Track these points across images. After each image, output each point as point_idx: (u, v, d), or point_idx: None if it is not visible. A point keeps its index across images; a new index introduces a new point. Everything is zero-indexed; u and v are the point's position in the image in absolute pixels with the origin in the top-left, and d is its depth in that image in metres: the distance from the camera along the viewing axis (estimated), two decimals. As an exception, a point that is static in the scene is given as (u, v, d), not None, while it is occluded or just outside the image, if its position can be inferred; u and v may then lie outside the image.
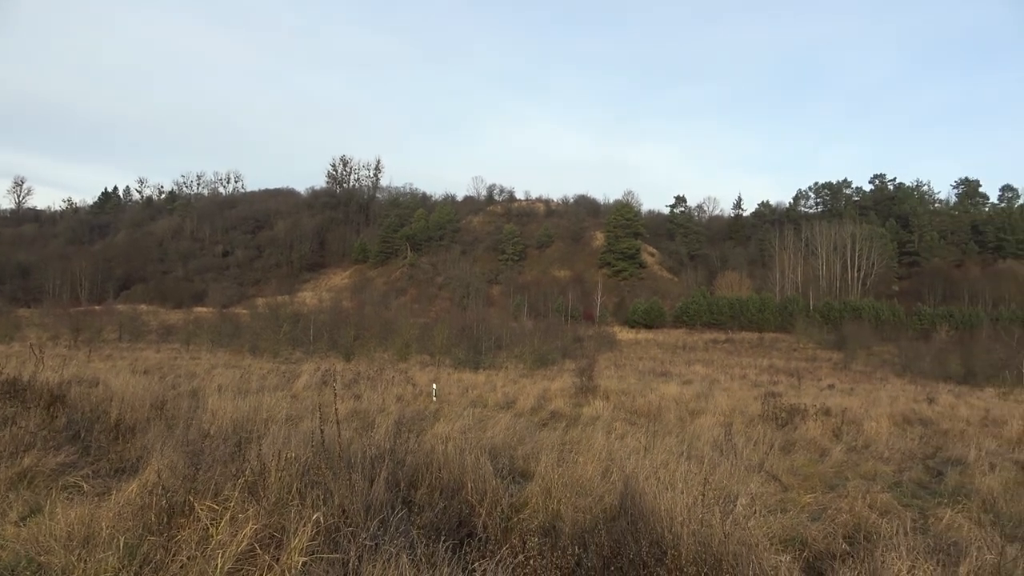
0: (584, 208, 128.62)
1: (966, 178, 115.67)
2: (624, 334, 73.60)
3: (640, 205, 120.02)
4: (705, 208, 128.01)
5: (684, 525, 5.24)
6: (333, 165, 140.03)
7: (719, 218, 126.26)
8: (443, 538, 4.71)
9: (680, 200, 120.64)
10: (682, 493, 5.97)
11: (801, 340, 66.91)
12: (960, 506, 7.80)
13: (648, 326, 79.34)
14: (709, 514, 5.48)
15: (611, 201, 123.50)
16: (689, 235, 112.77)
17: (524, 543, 4.47)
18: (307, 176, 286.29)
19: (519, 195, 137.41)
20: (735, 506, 6.20)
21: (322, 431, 5.85)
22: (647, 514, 5.62)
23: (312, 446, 5.99)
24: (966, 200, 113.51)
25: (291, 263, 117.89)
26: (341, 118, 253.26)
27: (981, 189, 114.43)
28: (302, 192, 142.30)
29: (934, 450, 12.75)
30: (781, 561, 5.05)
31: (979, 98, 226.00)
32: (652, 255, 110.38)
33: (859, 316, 70.13)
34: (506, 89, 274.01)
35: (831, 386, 32.25)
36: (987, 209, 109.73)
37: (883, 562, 4.86)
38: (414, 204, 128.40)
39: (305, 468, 5.56)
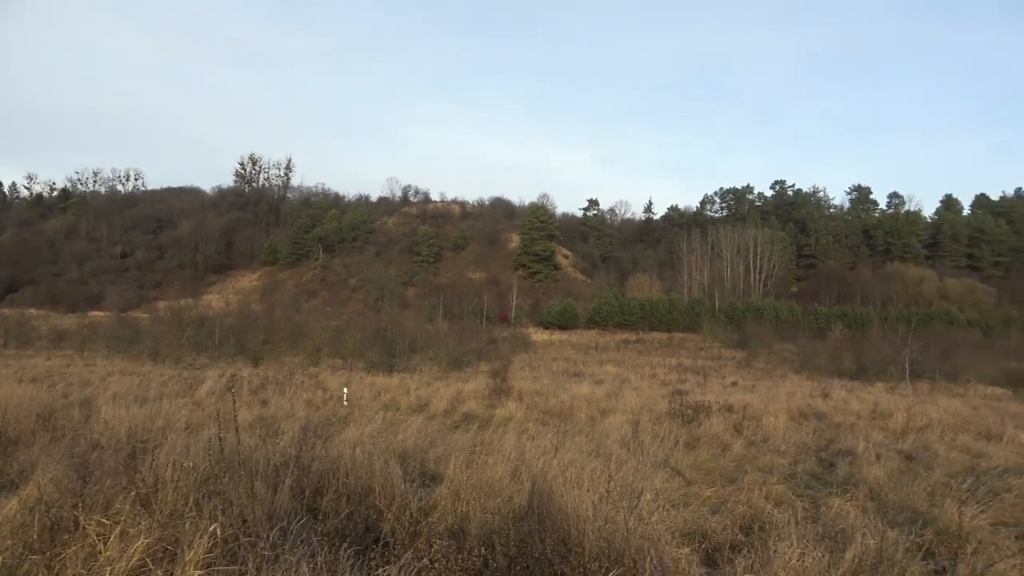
0: (500, 210, 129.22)
1: (858, 185, 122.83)
2: (539, 335, 74.39)
3: (555, 208, 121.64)
4: (617, 211, 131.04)
5: (589, 522, 5.35)
6: (241, 164, 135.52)
7: (631, 221, 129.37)
8: (347, 545, 4.64)
9: (593, 203, 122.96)
10: (588, 491, 6.10)
11: (707, 339, 69.43)
12: (849, 495, 8.26)
13: (562, 327, 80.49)
14: (614, 511, 5.61)
15: (526, 203, 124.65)
16: (602, 237, 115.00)
17: (430, 546, 4.46)
18: (214, 175, 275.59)
19: (434, 196, 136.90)
20: (639, 502, 6.39)
21: (220, 439, 5.65)
22: (554, 513, 5.70)
23: (212, 455, 5.78)
24: (858, 206, 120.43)
25: (196, 265, 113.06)
26: (251, 117, 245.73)
27: (872, 196, 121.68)
28: (208, 191, 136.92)
29: (827, 442, 13.47)
30: (681, 554, 5.23)
31: (870, 111, 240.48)
32: (566, 257, 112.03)
33: (761, 316, 73.40)
34: (421, 91, 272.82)
35: (734, 383, 33.58)
36: (877, 214, 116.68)
37: (775, 551, 5.10)
38: (326, 204, 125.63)
39: (204, 478, 5.36)
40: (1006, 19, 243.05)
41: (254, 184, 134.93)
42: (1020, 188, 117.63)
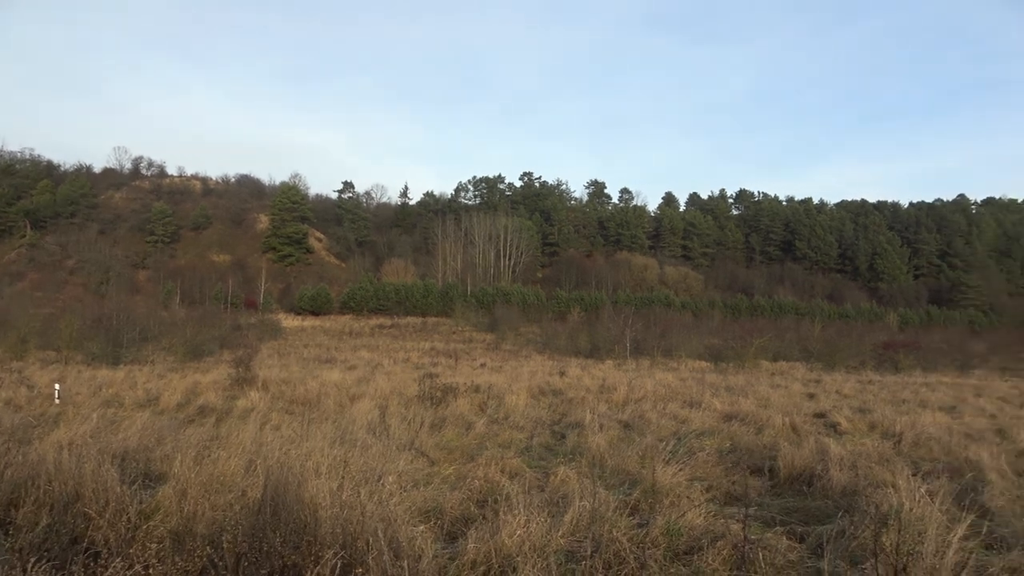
0: (247, 189, 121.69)
1: (595, 180, 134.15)
2: (290, 321, 71.55)
3: (308, 189, 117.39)
4: (373, 195, 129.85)
5: (327, 510, 5.30)
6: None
7: (387, 206, 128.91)
8: (46, 559, 4.13)
9: (348, 185, 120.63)
10: (327, 478, 6.03)
11: (460, 323, 71.69)
12: (574, 463, 9.06)
13: (315, 313, 78.20)
14: (353, 496, 5.62)
15: (277, 183, 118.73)
16: (357, 221, 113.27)
17: (145, 551, 4.12)
18: None
19: (171, 171, 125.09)
20: (381, 485, 6.45)
21: None
22: (291, 504, 5.56)
23: None
24: (595, 199, 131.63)
25: None
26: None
27: (606, 191, 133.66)
28: None
29: (560, 416, 14.63)
30: (418, 532, 5.38)
31: (606, 112, 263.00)
32: (320, 240, 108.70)
33: (509, 300, 77.44)
34: (154, 53, 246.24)
35: (483, 365, 35.07)
36: (610, 208, 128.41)
37: (504, 520, 5.46)
38: (36, 174, 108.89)
39: None
40: (725, 37, 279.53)
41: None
42: (723, 189, 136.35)
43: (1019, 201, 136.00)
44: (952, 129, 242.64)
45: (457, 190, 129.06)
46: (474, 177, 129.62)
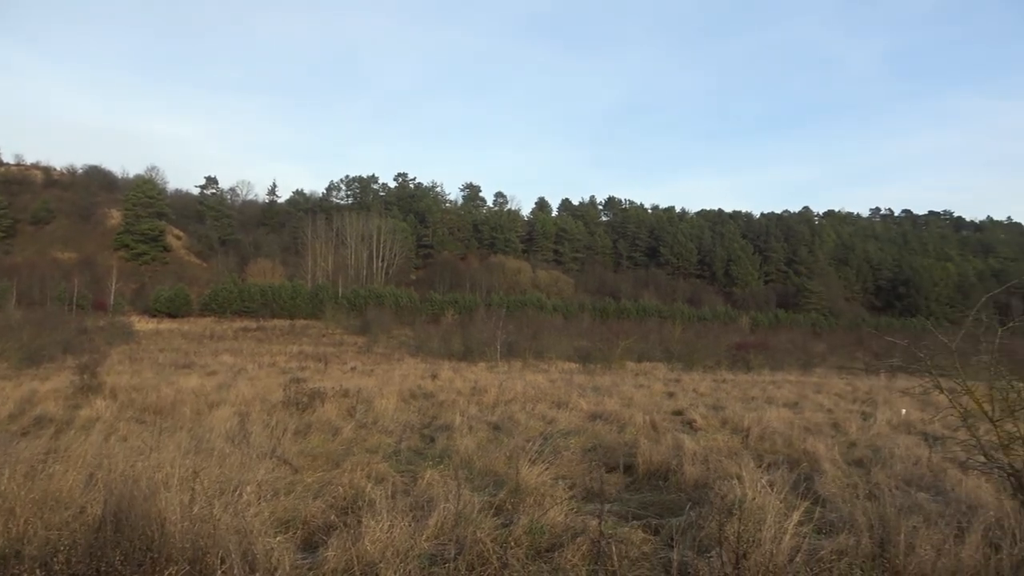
0: (97, 181, 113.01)
1: (470, 183, 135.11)
2: (144, 324, 67.02)
3: (166, 183, 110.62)
4: (239, 192, 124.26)
5: (176, 524, 5.02)
6: None
7: (253, 203, 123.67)
8: None
9: (211, 181, 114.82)
10: (178, 491, 5.70)
11: (330, 326, 69.85)
12: (442, 466, 9.06)
13: (172, 315, 73.73)
14: (207, 508, 5.35)
15: (131, 176, 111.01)
16: (221, 219, 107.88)
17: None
18: None
19: (7, 158, 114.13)
20: (239, 496, 6.18)
21: None
22: (136, 520, 5.23)
23: None
24: (470, 202, 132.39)
25: None
26: None
27: (481, 194, 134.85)
28: None
29: (431, 419, 14.58)
30: (276, 543, 5.20)
31: (482, 116, 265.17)
32: (179, 238, 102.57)
33: (382, 302, 76.34)
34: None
35: (354, 368, 34.39)
36: (485, 211, 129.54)
37: (367, 527, 5.38)
38: None
39: None
40: (598, 48, 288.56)
41: None
42: (594, 196, 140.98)
43: (855, 214, 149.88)
44: (799, 147, 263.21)
45: (329, 189, 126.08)
46: (347, 176, 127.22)
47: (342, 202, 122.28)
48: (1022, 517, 6.33)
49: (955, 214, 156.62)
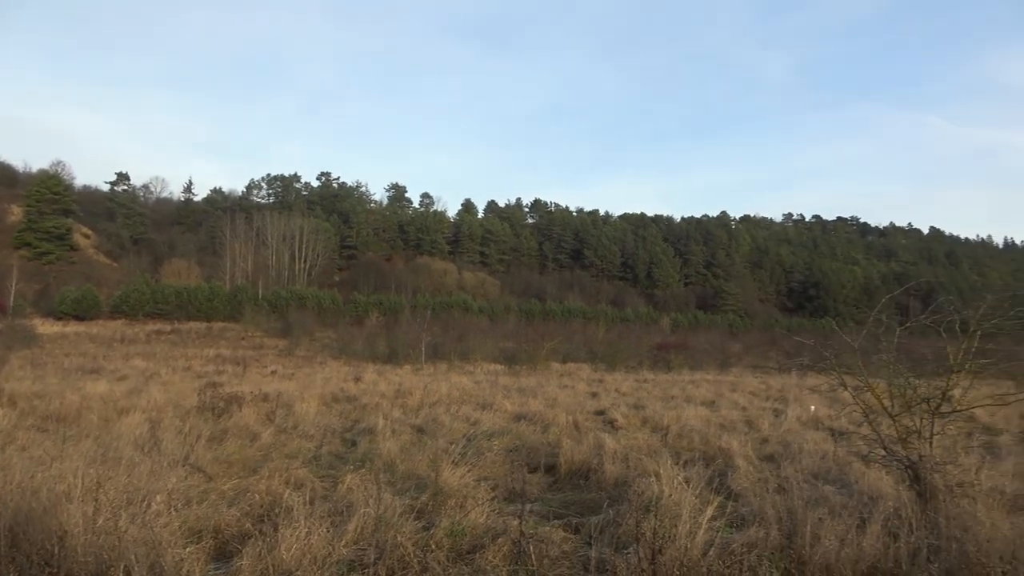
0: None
1: (396, 184, 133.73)
2: (48, 327, 63.41)
3: (73, 179, 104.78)
4: (152, 189, 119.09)
5: (79, 537, 4.79)
6: None
7: (168, 201, 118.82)
8: None
9: (123, 177, 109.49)
10: (81, 503, 5.44)
11: (250, 328, 67.86)
12: (364, 470, 8.93)
13: (80, 317, 70.02)
14: (112, 520, 5.12)
15: (34, 170, 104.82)
16: (133, 217, 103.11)
17: None
18: None
19: None
20: (148, 506, 5.93)
21: None
22: (36, 533, 4.97)
23: None
24: (395, 203, 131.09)
25: None
26: None
27: (407, 194, 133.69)
28: None
29: (353, 423, 14.37)
30: (186, 553, 5.02)
31: (407, 116, 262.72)
32: (87, 237, 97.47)
33: (304, 304, 74.65)
34: None
35: (274, 372, 33.54)
36: (411, 212, 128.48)
37: (284, 534, 5.25)
38: None
39: None
40: (525, 51, 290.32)
41: None
42: (520, 198, 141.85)
43: (769, 219, 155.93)
44: (718, 153, 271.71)
45: (249, 188, 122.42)
46: (268, 175, 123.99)
47: (263, 201, 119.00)
48: (918, 507, 6.72)
49: (861, 220, 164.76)
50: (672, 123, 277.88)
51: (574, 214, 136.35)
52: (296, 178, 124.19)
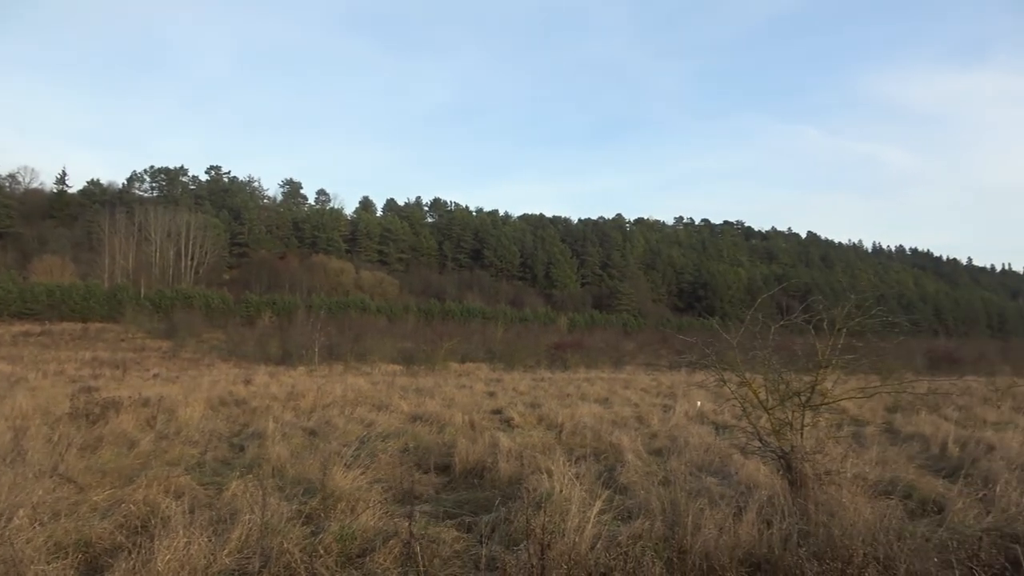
0: None
1: (291, 179, 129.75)
2: None
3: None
4: (20, 179, 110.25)
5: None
6: None
7: (38, 192, 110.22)
8: None
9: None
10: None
11: (130, 329, 64.08)
12: (251, 475, 8.62)
13: (-66, 318, 64.15)
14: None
15: None
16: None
17: None
18: None
19: None
20: (10, 521, 5.53)
21: None
22: None
23: None
24: (290, 199, 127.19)
25: None
26: None
27: (302, 191, 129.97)
28: None
29: (241, 427, 13.85)
30: (51, 570, 4.71)
31: (303, 110, 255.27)
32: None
33: (191, 304, 71.26)
34: None
35: (156, 375, 31.86)
36: (306, 209, 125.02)
37: (160, 546, 5.00)
38: None
39: None
40: (426, 49, 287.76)
41: None
42: (419, 196, 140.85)
43: (662, 222, 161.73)
44: (614, 157, 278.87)
45: (130, 180, 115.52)
46: (152, 167, 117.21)
47: (146, 195, 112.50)
48: (790, 495, 7.16)
49: (746, 224, 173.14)
50: (571, 126, 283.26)
51: (474, 214, 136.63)
52: (183, 171, 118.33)
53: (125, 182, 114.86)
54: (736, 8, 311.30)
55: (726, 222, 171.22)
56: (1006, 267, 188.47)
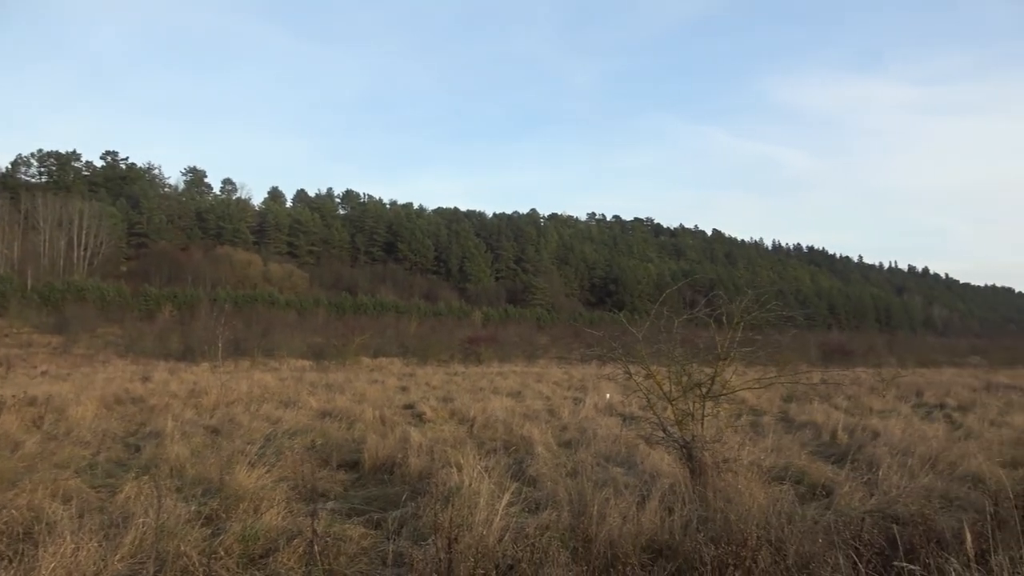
0: None
1: (194, 168, 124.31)
2: None
3: None
4: None
5: None
6: None
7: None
8: None
9: None
10: None
11: (15, 324, 59.93)
12: (147, 476, 8.25)
13: None
14: None
15: None
16: None
17: None
18: None
19: None
20: None
21: None
22: None
23: None
24: (193, 188, 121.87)
25: None
26: None
27: (207, 180, 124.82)
28: None
29: (138, 426, 13.22)
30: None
31: (208, 96, 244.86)
32: None
33: (84, 297, 67.33)
34: None
35: (45, 372, 30.01)
36: (211, 198, 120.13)
37: (45, 554, 4.73)
38: None
39: None
40: (339, 39, 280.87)
41: None
42: (331, 188, 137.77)
43: (575, 218, 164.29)
44: (529, 152, 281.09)
45: (15, 164, 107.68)
46: (40, 151, 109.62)
47: (33, 180, 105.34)
48: (691, 482, 7.43)
49: (655, 221, 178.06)
50: (486, 121, 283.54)
51: (388, 207, 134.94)
52: (75, 156, 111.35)
53: (9, 166, 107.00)
54: (650, 10, 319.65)
55: (636, 219, 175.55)
56: (892, 264, 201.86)
